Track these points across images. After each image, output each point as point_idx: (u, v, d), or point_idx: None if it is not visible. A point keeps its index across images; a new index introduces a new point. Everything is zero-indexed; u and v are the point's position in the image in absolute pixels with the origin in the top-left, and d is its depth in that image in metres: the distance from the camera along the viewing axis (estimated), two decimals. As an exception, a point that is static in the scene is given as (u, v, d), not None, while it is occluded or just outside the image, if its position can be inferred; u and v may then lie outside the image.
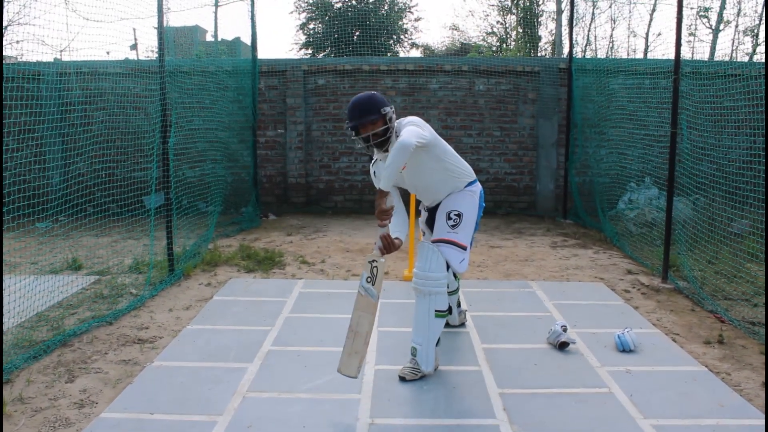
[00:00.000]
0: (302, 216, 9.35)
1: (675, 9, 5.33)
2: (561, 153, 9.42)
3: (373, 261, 3.22)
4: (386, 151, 3.33)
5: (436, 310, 3.43)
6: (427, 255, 3.41)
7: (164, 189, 5.51)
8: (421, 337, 3.43)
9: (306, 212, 9.63)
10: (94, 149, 6.67)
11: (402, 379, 3.42)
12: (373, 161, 3.58)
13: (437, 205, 3.62)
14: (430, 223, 3.70)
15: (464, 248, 3.45)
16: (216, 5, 9.02)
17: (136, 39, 9.67)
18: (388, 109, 3.28)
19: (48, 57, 8.15)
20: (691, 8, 13.55)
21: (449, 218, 3.47)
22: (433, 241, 3.46)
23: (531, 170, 9.69)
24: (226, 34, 11.17)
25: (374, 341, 4.03)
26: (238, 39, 9.77)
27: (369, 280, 3.22)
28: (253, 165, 8.87)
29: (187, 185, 6.79)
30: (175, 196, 5.88)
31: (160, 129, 5.42)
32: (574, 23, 8.91)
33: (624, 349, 3.88)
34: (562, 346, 3.91)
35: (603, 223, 7.80)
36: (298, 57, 22.18)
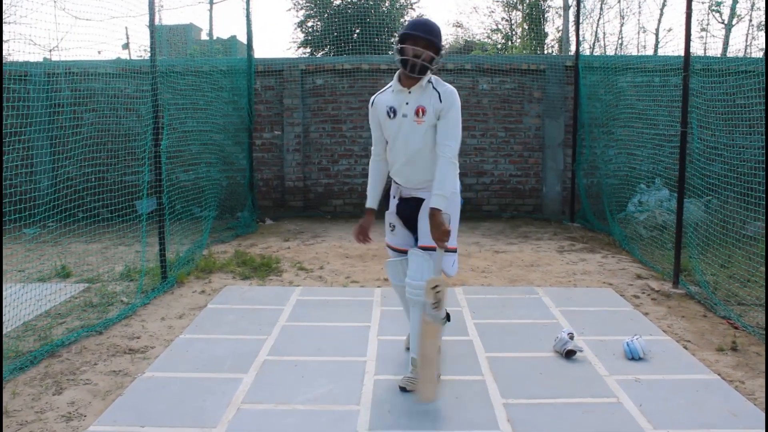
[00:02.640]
0: (300, 221, 9.34)
1: (685, 4, 5.34)
2: (568, 154, 9.41)
3: (437, 286, 3.20)
4: (412, 73, 3.29)
5: None
6: (420, 264, 3.39)
7: (157, 193, 5.51)
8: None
9: (304, 217, 9.62)
10: (84, 152, 6.68)
11: (403, 389, 3.41)
12: (375, 96, 3.54)
13: (412, 199, 3.53)
14: (406, 214, 3.58)
15: (454, 251, 3.48)
16: (211, 3, 9.11)
17: (128, 38, 9.73)
18: (443, 50, 3.39)
19: (37, 57, 8.19)
20: (703, 2, 13.58)
21: None
22: (422, 247, 3.43)
23: (537, 172, 9.67)
24: (222, 32, 11.29)
25: (374, 350, 4.04)
26: (233, 37, 9.86)
27: (434, 306, 3.21)
28: (249, 168, 8.89)
29: (181, 189, 6.79)
30: (168, 200, 5.88)
31: (152, 131, 5.43)
32: (581, 19, 8.87)
33: (633, 357, 3.87)
34: (569, 355, 3.91)
35: (612, 227, 7.77)
36: (296, 56, 22.16)
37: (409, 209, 3.55)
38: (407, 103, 3.36)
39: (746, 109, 6.05)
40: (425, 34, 3.29)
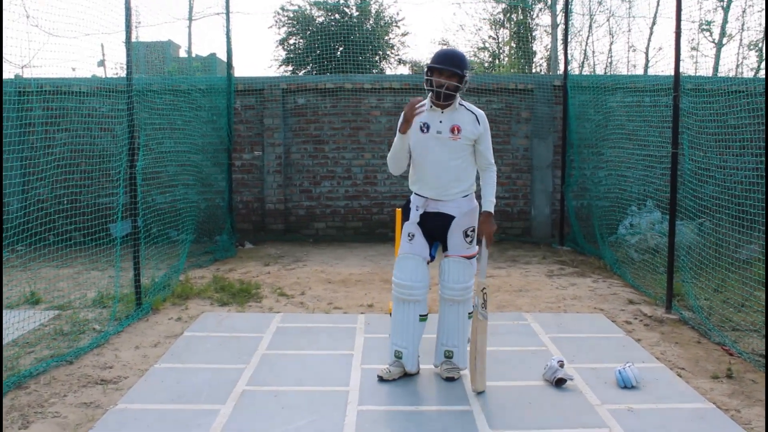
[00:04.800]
0: (281, 244, 9.33)
1: (674, 23, 5.43)
2: (557, 175, 9.48)
3: (484, 288, 3.83)
4: (439, 101, 3.82)
5: (468, 313, 4.02)
6: (459, 268, 3.96)
7: (132, 216, 5.49)
8: (456, 339, 4.02)
9: (285, 240, 9.61)
10: (57, 173, 6.63)
11: (450, 379, 4.00)
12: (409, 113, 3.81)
13: (437, 214, 3.94)
14: (429, 226, 3.98)
15: (475, 257, 4.06)
16: (190, 19, 9.09)
17: (104, 55, 9.69)
18: (468, 74, 3.85)
19: (8, 74, 8.13)
20: (693, 21, 13.81)
21: (466, 235, 3.97)
22: (451, 257, 3.98)
23: (525, 194, 9.74)
24: (201, 49, 11.29)
25: (357, 380, 4.02)
26: (213, 55, 9.87)
27: (483, 305, 3.83)
28: (228, 190, 8.88)
29: (157, 212, 6.77)
30: (143, 223, 5.85)
31: (127, 152, 5.41)
32: (570, 38, 9.02)
33: (625, 385, 3.88)
34: (559, 383, 3.91)
35: (602, 250, 7.81)
36: (277, 75, 22.15)
37: (433, 223, 3.98)
38: (441, 122, 3.86)
39: (738, 129, 6.10)
40: (448, 66, 3.78)
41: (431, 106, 3.88)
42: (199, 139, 8.09)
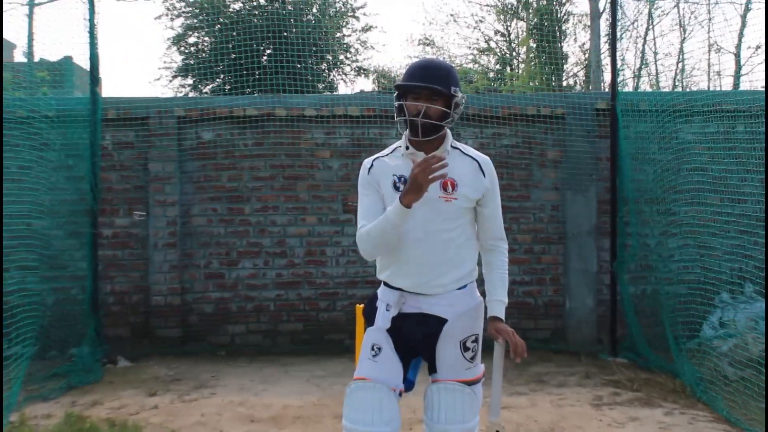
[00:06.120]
0: (175, 360, 9.23)
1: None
2: (604, 247, 9.45)
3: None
4: (416, 137, 3.79)
5: None
6: (455, 400, 3.88)
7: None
8: None
9: (182, 354, 9.50)
10: None
11: None
12: (376, 158, 3.98)
13: (420, 316, 3.90)
14: (406, 334, 3.92)
15: (480, 380, 4.08)
16: (31, 5, 8.98)
17: None
18: (460, 93, 3.80)
19: None
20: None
21: (466, 348, 3.94)
22: (443, 382, 3.93)
23: (556, 276, 9.72)
24: (49, 51, 11.10)
25: None
26: (68, 60, 9.82)
27: None
28: (91, 275, 8.80)
29: (-28, 311, 6.66)
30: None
31: None
32: (620, 33, 9.08)
33: None
34: None
35: (678, 363, 7.74)
36: (170, 94, 21.80)
37: (413, 330, 3.92)
38: None
39: None
40: (428, 82, 3.72)
41: (407, 148, 3.87)
42: (44, 195, 8.04)
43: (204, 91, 20.16)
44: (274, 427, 6.56)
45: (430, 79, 3.72)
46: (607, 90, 9.81)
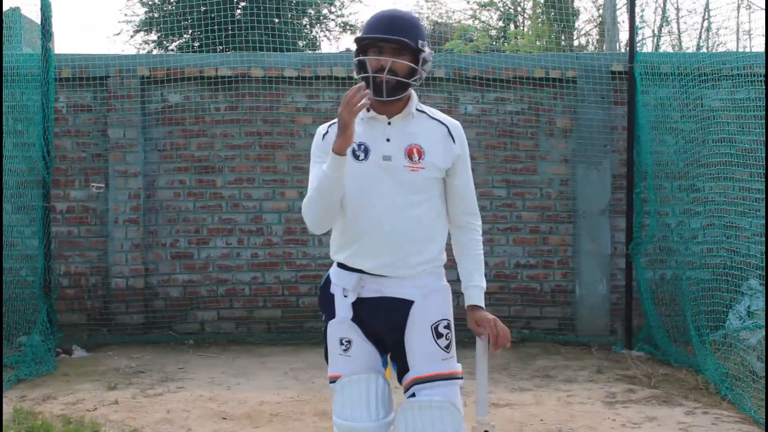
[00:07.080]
0: (138, 350, 9.18)
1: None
2: (619, 226, 9.38)
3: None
4: (380, 97, 3.55)
5: None
6: (435, 409, 3.61)
7: None
8: None
9: (145, 342, 9.46)
10: None
11: None
12: (332, 124, 3.75)
13: (382, 300, 3.72)
14: (371, 321, 3.74)
15: (461, 377, 3.81)
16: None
17: None
18: (427, 48, 3.63)
19: None
20: None
21: (439, 335, 3.71)
22: (424, 378, 3.66)
23: (564, 259, 9.68)
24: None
25: None
26: (15, 11, 9.63)
27: None
28: (42, 254, 8.80)
29: None
30: None
31: None
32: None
33: None
34: None
35: (700, 357, 7.71)
36: (132, 51, 21.88)
37: (374, 317, 3.70)
38: (388, 140, 3.63)
39: None
40: (393, 34, 3.55)
41: (367, 110, 3.65)
42: (-12, 165, 8.02)
43: (170, 48, 20.91)
44: (248, 426, 6.53)
45: (395, 31, 3.56)
46: (623, 50, 10.21)
